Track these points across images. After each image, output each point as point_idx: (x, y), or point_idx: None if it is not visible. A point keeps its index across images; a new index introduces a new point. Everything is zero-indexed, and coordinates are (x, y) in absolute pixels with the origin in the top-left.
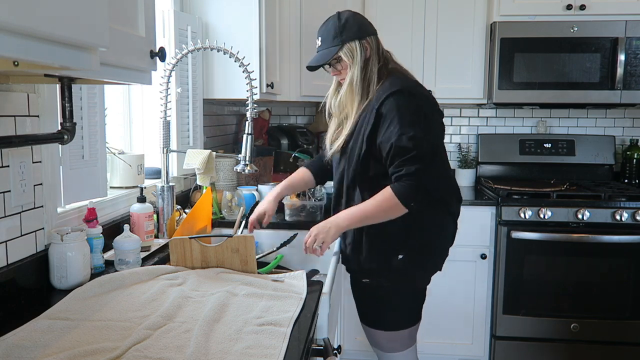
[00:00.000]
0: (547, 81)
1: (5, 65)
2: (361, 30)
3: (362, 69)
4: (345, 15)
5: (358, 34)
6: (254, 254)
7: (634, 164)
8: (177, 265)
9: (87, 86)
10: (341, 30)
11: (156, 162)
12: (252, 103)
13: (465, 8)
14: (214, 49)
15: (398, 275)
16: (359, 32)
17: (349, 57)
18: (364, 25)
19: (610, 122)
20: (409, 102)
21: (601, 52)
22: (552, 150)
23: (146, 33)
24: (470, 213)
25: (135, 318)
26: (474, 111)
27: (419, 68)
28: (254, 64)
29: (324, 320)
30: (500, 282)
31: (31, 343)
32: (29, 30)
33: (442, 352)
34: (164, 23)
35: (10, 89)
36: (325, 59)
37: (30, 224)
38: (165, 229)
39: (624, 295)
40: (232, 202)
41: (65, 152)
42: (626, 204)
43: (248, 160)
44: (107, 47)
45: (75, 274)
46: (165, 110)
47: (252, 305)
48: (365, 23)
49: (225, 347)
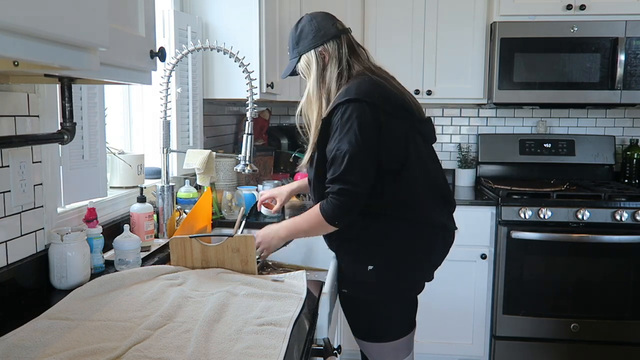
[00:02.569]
0: (547, 81)
1: (5, 65)
2: (317, 37)
3: (319, 78)
4: (302, 22)
5: (313, 42)
6: (254, 254)
7: (634, 164)
8: (177, 265)
9: (87, 86)
10: (297, 42)
11: (156, 162)
12: (252, 103)
13: (465, 8)
14: (214, 49)
15: (372, 286)
16: (314, 41)
17: (306, 70)
18: (322, 30)
19: (610, 122)
20: (356, 112)
21: (601, 52)
22: (552, 150)
23: (146, 33)
24: (470, 213)
25: (135, 318)
26: (474, 111)
27: (419, 68)
28: (254, 64)
29: (324, 320)
30: (500, 282)
31: (31, 343)
32: (29, 30)
33: (442, 352)
34: (164, 23)
35: (10, 89)
36: (288, 72)
37: (30, 224)
38: (165, 229)
39: (624, 295)
40: (232, 202)
41: (65, 152)
42: (626, 204)
43: (248, 160)
44: (107, 47)
45: (75, 274)
46: (165, 110)
47: (252, 305)
48: (323, 26)
49: (225, 347)
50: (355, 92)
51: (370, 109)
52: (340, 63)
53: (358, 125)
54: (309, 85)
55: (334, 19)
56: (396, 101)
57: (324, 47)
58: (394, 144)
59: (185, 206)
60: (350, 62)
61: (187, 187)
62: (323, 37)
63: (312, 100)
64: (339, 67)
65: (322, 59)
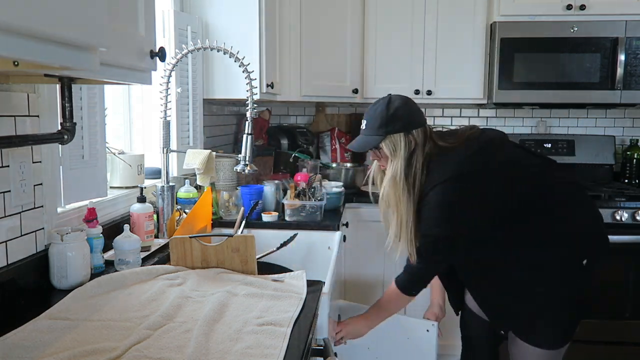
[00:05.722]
0: (547, 81)
1: (5, 65)
2: (409, 123)
3: (406, 162)
4: (396, 104)
5: (405, 127)
6: (254, 254)
7: (634, 164)
8: (178, 265)
9: (87, 86)
10: (387, 122)
11: (156, 162)
12: (252, 103)
13: (465, 8)
14: (214, 49)
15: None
16: (406, 126)
17: (391, 151)
18: (413, 116)
19: (610, 122)
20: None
21: (601, 52)
22: (552, 150)
23: (146, 33)
24: None
25: (135, 318)
26: (474, 111)
27: (419, 68)
28: (254, 64)
29: (324, 320)
30: None
31: (31, 343)
32: (29, 30)
33: (442, 352)
34: (164, 23)
35: (10, 89)
36: (366, 147)
37: (30, 224)
38: (165, 229)
39: (624, 295)
40: (230, 202)
41: (65, 152)
42: (626, 204)
43: (248, 160)
44: (107, 47)
45: (75, 274)
46: (165, 110)
47: (252, 305)
48: (414, 112)
49: (225, 347)
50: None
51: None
52: (425, 150)
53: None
54: (395, 168)
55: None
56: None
57: (413, 133)
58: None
59: (185, 206)
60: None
61: (187, 187)
62: (414, 123)
63: (397, 183)
64: (423, 154)
65: (409, 144)
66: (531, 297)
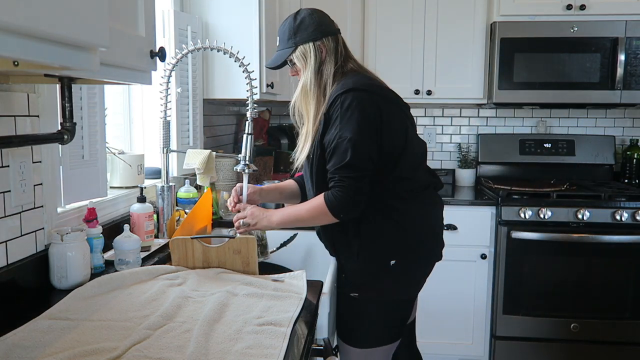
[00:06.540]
0: (547, 81)
1: (5, 65)
2: (317, 30)
3: (317, 72)
4: (303, 14)
5: (313, 35)
6: (255, 255)
7: (634, 164)
8: (179, 265)
9: (87, 86)
10: (295, 32)
11: (156, 162)
12: (252, 103)
13: (465, 8)
14: (214, 49)
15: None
16: (314, 34)
17: (302, 61)
18: (322, 25)
19: (610, 122)
20: (356, 101)
21: (601, 52)
22: (552, 150)
23: (146, 33)
24: (470, 213)
25: (135, 318)
26: (474, 111)
27: (419, 68)
28: (254, 64)
29: (324, 320)
30: (500, 282)
31: (31, 343)
32: (29, 30)
33: (442, 352)
34: (164, 23)
35: (10, 89)
36: (279, 61)
37: (30, 224)
38: (165, 229)
39: (624, 295)
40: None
41: (65, 152)
42: (626, 204)
43: (248, 160)
44: (107, 47)
45: (75, 274)
46: (165, 110)
47: (252, 305)
48: (323, 22)
49: (225, 347)
50: (354, 83)
51: (370, 97)
52: (337, 60)
53: (359, 112)
54: (305, 78)
55: (330, 18)
56: (390, 92)
57: (323, 41)
58: (394, 131)
59: (185, 206)
60: (345, 60)
61: (187, 187)
62: (323, 32)
63: (308, 93)
64: (335, 64)
65: (319, 53)
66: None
